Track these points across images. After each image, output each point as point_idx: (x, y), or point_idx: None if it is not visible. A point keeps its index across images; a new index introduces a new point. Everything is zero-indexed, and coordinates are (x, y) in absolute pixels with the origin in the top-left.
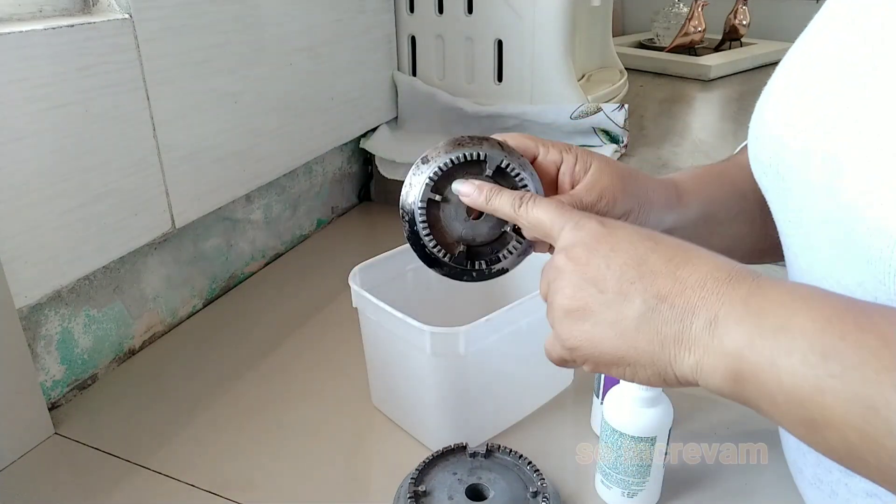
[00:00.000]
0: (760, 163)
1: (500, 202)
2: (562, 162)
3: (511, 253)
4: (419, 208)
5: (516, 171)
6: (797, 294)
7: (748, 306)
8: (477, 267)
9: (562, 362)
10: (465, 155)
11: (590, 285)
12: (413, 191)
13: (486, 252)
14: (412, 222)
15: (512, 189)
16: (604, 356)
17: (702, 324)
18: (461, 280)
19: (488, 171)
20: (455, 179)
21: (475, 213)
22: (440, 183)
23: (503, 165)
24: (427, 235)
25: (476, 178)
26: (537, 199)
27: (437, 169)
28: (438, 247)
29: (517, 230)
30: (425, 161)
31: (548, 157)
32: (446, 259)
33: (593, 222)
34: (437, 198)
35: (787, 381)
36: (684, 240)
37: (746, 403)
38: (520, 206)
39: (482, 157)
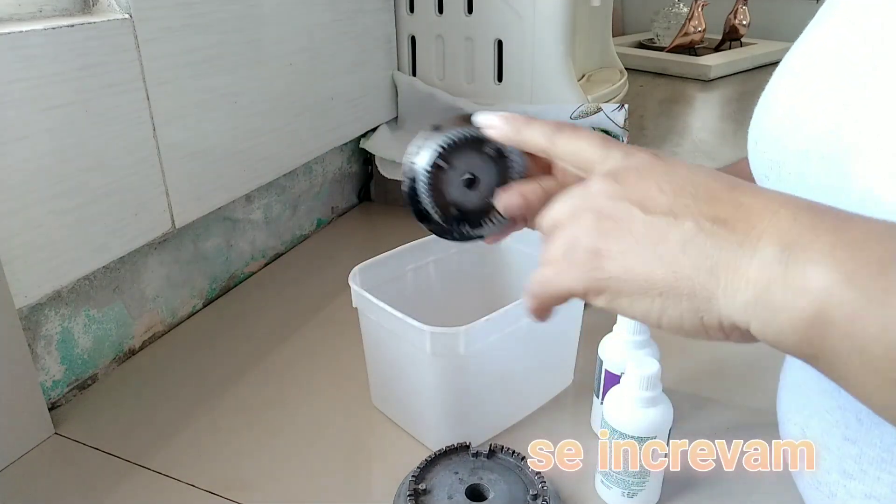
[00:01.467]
0: (761, 166)
1: (532, 133)
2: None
3: (492, 223)
4: (426, 170)
5: (514, 157)
6: None
7: (838, 235)
8: (460, 228)
9: (564, 293)
10: (473, 134)
11: (633, 205)
12: (422, 153)
13: (471, 218)
14: (414, 181)
15: (502, 168)
16: (631, 280)
17: (772, 252)
18: (444, 237)
19: (490, 151)
20: (457, 152)
21: (467, 183)
22: (446, 152)
23: (504, 150)
24: (429, 196)
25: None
26: (578, 129)
27: (448, 139)
28: (437, 207)
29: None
30: (437, 129)
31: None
32: (438, 219)
33: (646, 152)
34: (445, 165)
35: (893, 327)
36: None
37: (815, 357)
38: (555, 134)
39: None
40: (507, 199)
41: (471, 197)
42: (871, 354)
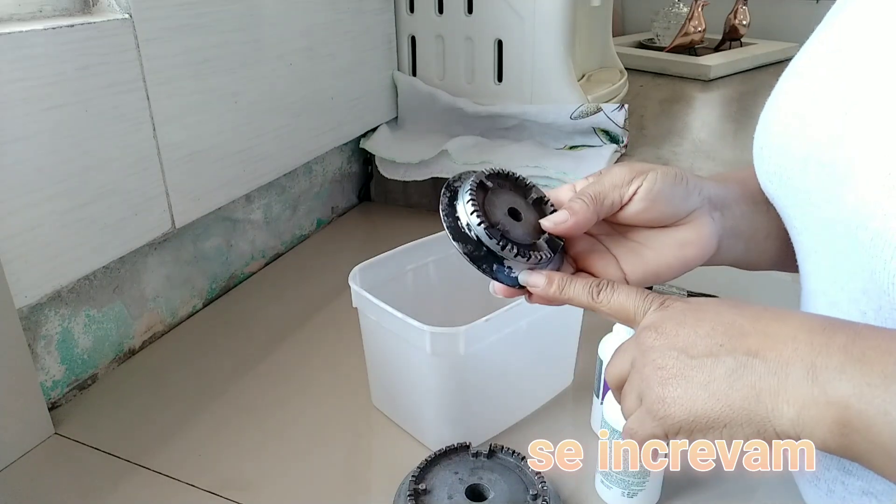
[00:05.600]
0: (765, 173)
1: (575, 292)
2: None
3: (541, 259)
4: (470, 187)
5: (553, 207)
6: None
7: (849, 354)
8: (508, 249)
9: (650, 438)
10: (514, 174)
11: (679, 353)
12: (467, 178)
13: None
14: (454, 197)
15: (540, 214)
16: (699, 420)
17: (799, 374)
18: (475, 263)
19: (533, 197)
20: (499, 195)
21: (511, 213)
22: (488, 190)
23: (544, 199)
24: (475, 209)
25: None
26: (615, 285)
27: (491, 170)
28: (484, 222)
29: (549, 241)
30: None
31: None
32: (485, 233)
33: (678, 302)
34: (490, 184)
35: None
36: None
37: (856, 459)
38: (598, 294)
39: (529, 184)
40: (556, 217)
41: (516, 229)
42: (892, 454)
